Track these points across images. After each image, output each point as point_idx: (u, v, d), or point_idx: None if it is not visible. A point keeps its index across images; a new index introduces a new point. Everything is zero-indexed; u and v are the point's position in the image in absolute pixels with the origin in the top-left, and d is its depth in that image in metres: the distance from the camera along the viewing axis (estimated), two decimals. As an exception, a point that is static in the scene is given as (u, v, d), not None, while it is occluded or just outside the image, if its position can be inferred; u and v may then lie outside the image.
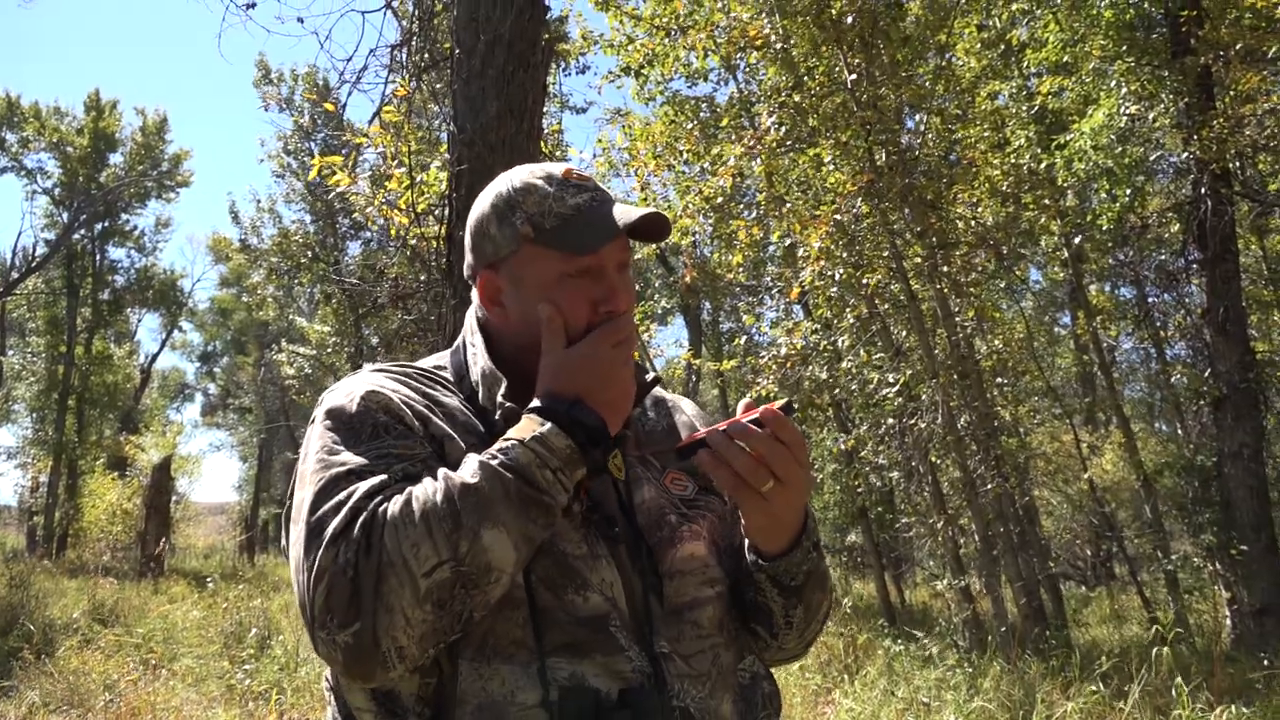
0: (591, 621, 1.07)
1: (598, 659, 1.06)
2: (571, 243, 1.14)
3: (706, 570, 1.20)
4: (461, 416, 1.16)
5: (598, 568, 1.11)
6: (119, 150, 31.08)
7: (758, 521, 1.16)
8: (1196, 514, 10.97)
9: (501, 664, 1.04)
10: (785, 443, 1.08)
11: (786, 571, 1.20)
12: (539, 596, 1.06)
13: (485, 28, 3.93)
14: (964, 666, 6.82)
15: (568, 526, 1.11)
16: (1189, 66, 8.91)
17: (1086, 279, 14.00)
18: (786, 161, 9.45)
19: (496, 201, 1.19)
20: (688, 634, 1.14)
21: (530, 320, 1.14)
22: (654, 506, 1.20)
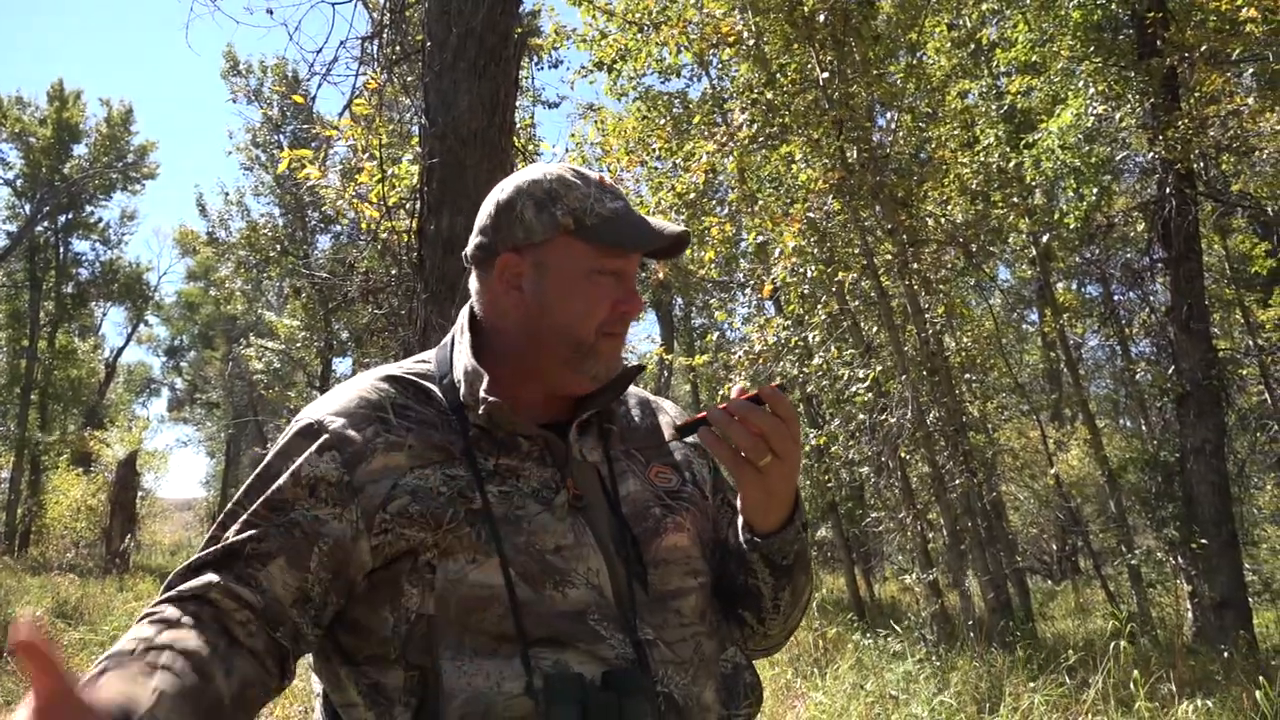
0: (571, 615, 1.10)
1: (581, 648, 1.08)
2: (612, 240, 1.19)
3: (689, 561, 1.23)
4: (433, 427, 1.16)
5: (584, 556, 1.13)
6: (83, 141, 30.59)
7: (755, 497, 1.21)
8: (1159, 509, 11.14)
9: (484, 660, 1.06)
10: (783, 419, 1.14)
11: (779, 549, 1.24)
12: (519, 591, 1.08)
13: (457, 21, 3.91)
14: (932, 660, 6.89)
15: (551, 520, 1.13)
16: (1155, 68, 9.03)
17: (1054, 277, 14.17)
18: (759, 158, 9.48)
19: (534, 189, 1.20)
20: (671, 622, 1.17)
21: (546, 307, 1.19)
22: (639, 498, 1.23)
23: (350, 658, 1.13)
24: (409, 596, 1.09)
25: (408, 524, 1.09)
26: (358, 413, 1.15)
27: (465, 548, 1.09)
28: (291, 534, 1.08)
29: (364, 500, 1.10)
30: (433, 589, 1.08)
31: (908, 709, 5.52)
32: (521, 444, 1.17)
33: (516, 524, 1.12)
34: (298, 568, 1.08)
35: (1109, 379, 19.49)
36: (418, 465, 1.12)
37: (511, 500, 1.13)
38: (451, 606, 1.08)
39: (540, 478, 1.16)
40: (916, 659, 6.89)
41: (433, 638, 1.07)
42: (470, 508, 1.10)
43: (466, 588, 1.08)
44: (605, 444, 1.26)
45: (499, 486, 1.13)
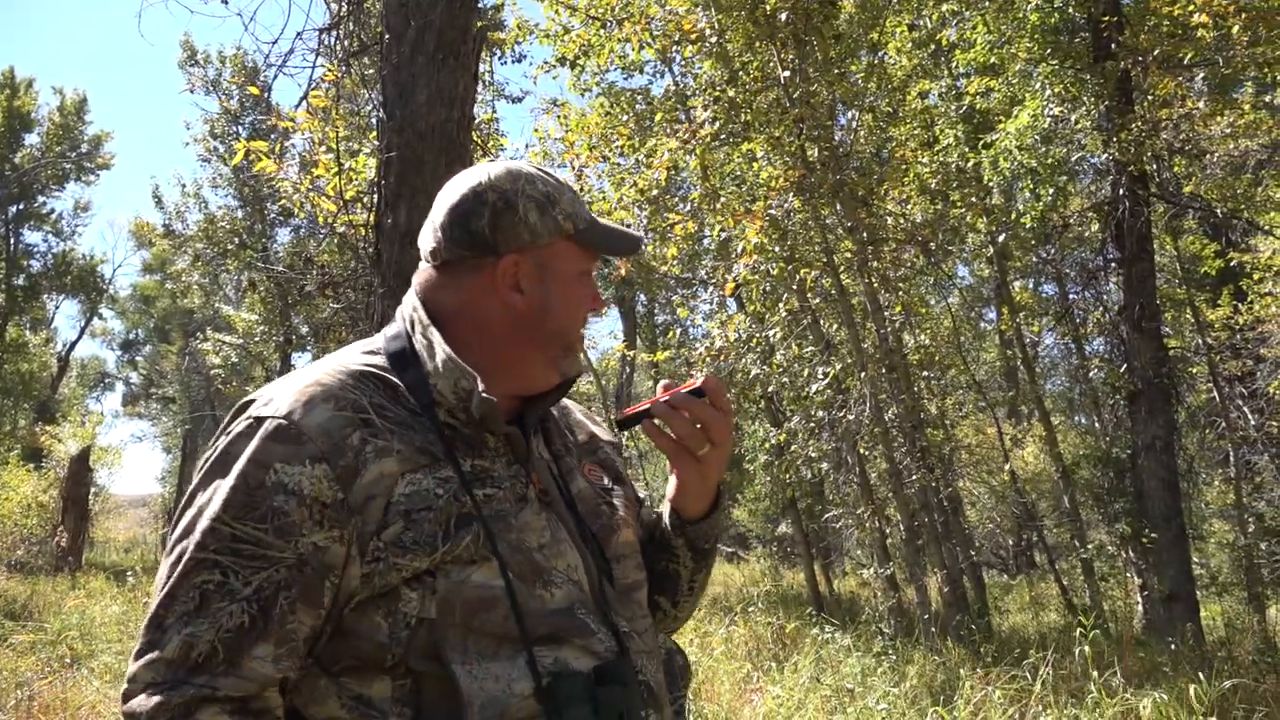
0: (561, 612, 1.11)
1: (576, 643, 1.10)
2: (602, 245, 1.25)
3: (637, 555, 1.28)
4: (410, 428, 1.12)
5: (563, 553, 1.15)
6: (35, 130, 30.00)
7: (690, 485, 1.28)
8: (1111, 504, 11.36)
9: (490, 662, 1.06)
10: (722, 410, 1.20)
11: (705, 534, 1.32)
12: (518, 592, 1.08)
13: (415, 13, 3.88)
14: (889, 654, 6.97)
15: (532, 514, 1.14)
16: (1109, 71, 9.19)
17: (1011, 276, 14.36)
18: (721, 156, 9.51)
19: (532, 191, 1.21)
20: (637, 613, 1.22)
21: (547, 308, 1.20)
22: (588, 495, 1.26)
23: (327, 668, 1.08)
24: (407, 601, 1.06)
25: (401, 554, 1.05)
26: (338, 415, 1.08)
27: (468, 554, 1.07)
28: (303, 570, 1.04)
29: (359, 523, 1.05)
30: (434, 593, 1.06)
31: (864, 702, 5.58)
32: (488, 442, 1.17)
33: (505, 523, 1.11)
34: (313, 605, 1.05)
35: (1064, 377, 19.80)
36: (408, 470, 1.08)
37: (494, 501, 1.12)
38: (456, 610, 1.06)
39: (510, 475, 1.16)
40: (874, 652, 6.97)
41: (438, 643, 1.05)
42: (463, 510, 1.08)
43: (470, 589, 1.06)
44: (548, 442, 1.28)
45: (482, 489, 1.12)
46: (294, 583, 1.03)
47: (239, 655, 1.01)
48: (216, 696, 1.00)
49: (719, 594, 13.81)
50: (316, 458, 1.05)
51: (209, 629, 1.01)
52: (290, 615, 1.03)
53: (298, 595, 1.03)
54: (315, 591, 1.04)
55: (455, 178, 1.26)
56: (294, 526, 1.03)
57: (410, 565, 1.05)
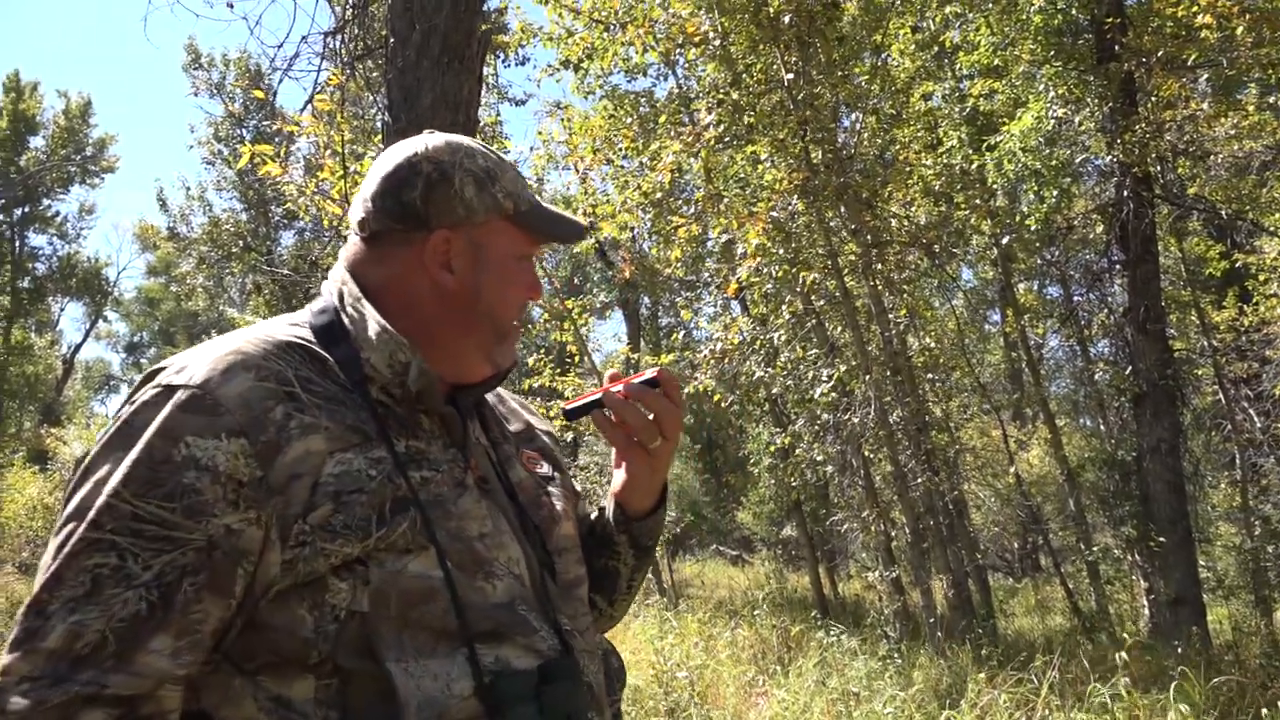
0: (502, 607, 1.04)
1: (518, 640, 1.04)
2: (543, 230, 1.17)
3: (578, 549, 1.23)
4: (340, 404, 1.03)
5: (505, 544, 1.08)
6: (40, 133, 30.05)
7: (639, 479, 1.24)
8: (1117, 507, 11.31)
9: (427, 659, 0.97)
10: (675, 403, 1.15)
11: (648, 531, 1.28)
12: (458, 583, 1.01)
13: (420, 17, 3.89)
14: (894, 657, 6.95)
15: (471, 502, 1.07)
16: (1113, 72, 9.17)
17: (1015, 278, 14.34)
18: (725, 158, 9.51)
19: (471, 166, 1.13)
20: (579, 610, 1.17)
21: (479, 290, 1.13)
22: (528, 485, 1.20)
23: (242, 665, 0.98)
24: (336, 592, 0.96)
25: (330, 538, 0.95)
26: (259, 386, 0.98)
27: (404, 541, 0.99)
28: (212, 555, 0.93)
29: (280, 504, 0.95)
30: (367, 583, 0.96)
31: (870, 705, 5.57)
32: (423, 423, 1.09)
33: (443, 509, 1.03)
34: (221, 595, 0.94)
35: (1069, 379, 19.76)
36: (337, 449, 0.99)
37: (431, 485, 1.04)
38: (391, 602, 0.97)
39: (446, 459, 1.08)
40: (879, 656, 6.95)
41: (370, 638, 0.96)
42: (398, 494, 1.00)
43: (407, 580, 0.98)
44: (485, 428, 1.21)
45: (418, 471, 1.03)
46: (201, 568, 0.92)
47: (132, 648, 0.89)
48: (103, 695, 0.88)
49: (724, 597, 13.80)
50: (234, 431, 0.94)
51: (99, 617, 0.89)
52: (195, 604, 0.92)
53: (205, 583, 0.92)
54: (225, 579, 0.93)
55: (391, 147, 1.18)
56: (205, 506, 0.92)
57: (340, 551, 0.95)
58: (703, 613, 9.98)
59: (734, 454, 22.88)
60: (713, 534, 23.02)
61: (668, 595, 12.81)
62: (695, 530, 22.68)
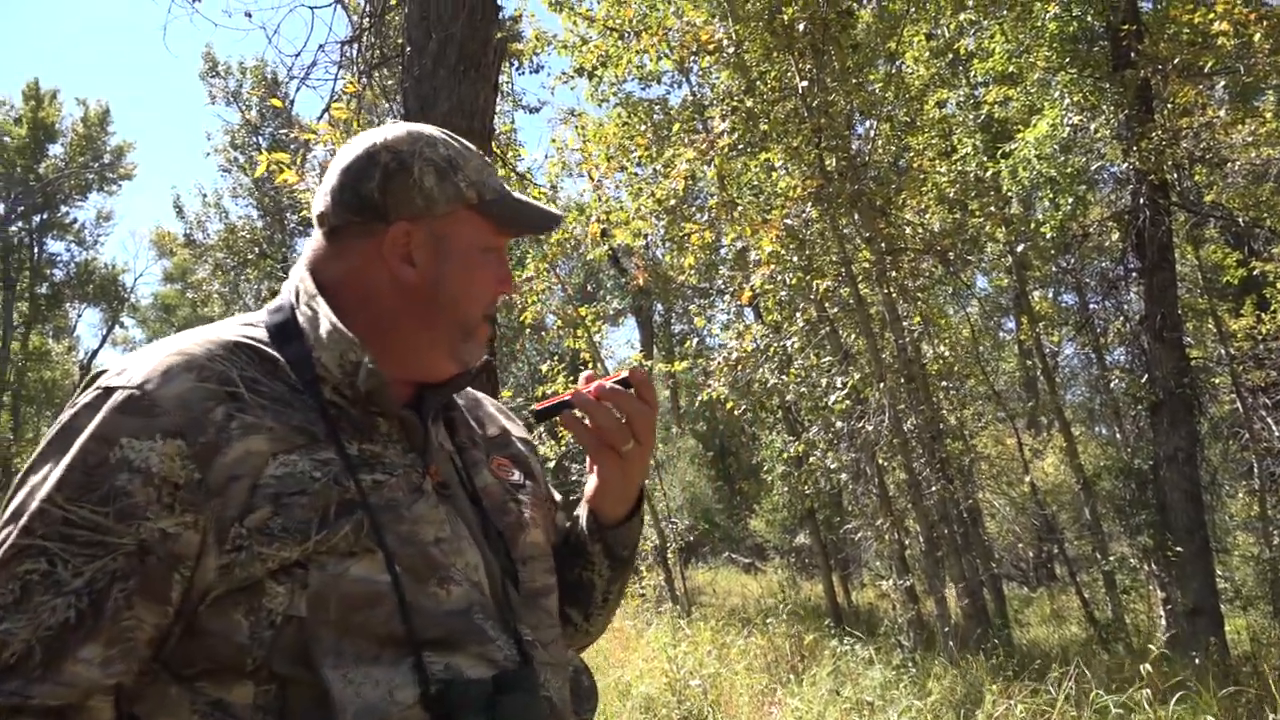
0: (457, 614, 1.00)
1: (472, 649, 0.99)
2: (510, 219, 1.13)
3: (547, 558, 1.18)
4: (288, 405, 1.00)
5: (462, 550, 1.04)
6: (59, 141, 30.32)
7: (610, 485, 1.18)
8: (1133, 516, 11.23)
9: (369, 666, 0.93)
10: (648, 404, 1.10)
11: (623, 540, 1.22)
12: (406, 588, 0.96)
13: (437, 26, 3.91)
14: (908, 667, 6.92)
15: (428, 506, 1.03)
16: (1129, 79, 9.14)
17: (1030, 285, 14.29)
18: (738, 165, 9.52)
19: (431, 155, 1.09)
20: (544, 622, 1.12)
21: (441, 284, 1.08)
22: (494, 491, 1.15)
23: (178, 672, 0.94)
24: (273, 596, 0.92)
25: (267, 542, 0.92)
26: (200, 387, 0.95)
27: (346, 544, 0.95)
28: (145, 560, 0.90)
29: (218, 507, 0.92)
30: (305, 586, 0.93)
31: (884, 716, 5.54)
32: (380, 425, 1.05)
33: (395, 513, 0.99)
34: (157, 601, 0.91)
35: (1084, 387, 19.66)
36: (281, 450, 0.95)
37: (384, 489, 1.00)
38: (330, 607, 0.93)
39: (404, 464, 1.04)
40: (894, 665, 6.92)
41: (308, 643, 0.92)
42: (345, 497, 0.96)
43: (348, 584, 0.94)
44: (451, 432, 1.17)
45: (370, 474, 0.99)
46: (132, 573, 0.89)
47: (60, 657, 0.87)
48: (28, 706, 0.86)
49: (737, 605, 13.76)
50: (170, 432, 0.91)
51: (26, 626, 0.86)
52: (126, 611, 0.89)
53: (136, 588, 0.89)
54: (161, 585, 0.90)
55: (352, 139, 1.15)
56: (138, 509, 0.89)
57: (277, 555, 0.92)
58: (715, 621, 9.96)
59: (747, 461, 22.85)
60: (725, 541, 22.98)
61: (680, 603, 12.79)
62: (708, 538, 22.64)
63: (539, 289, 10.29)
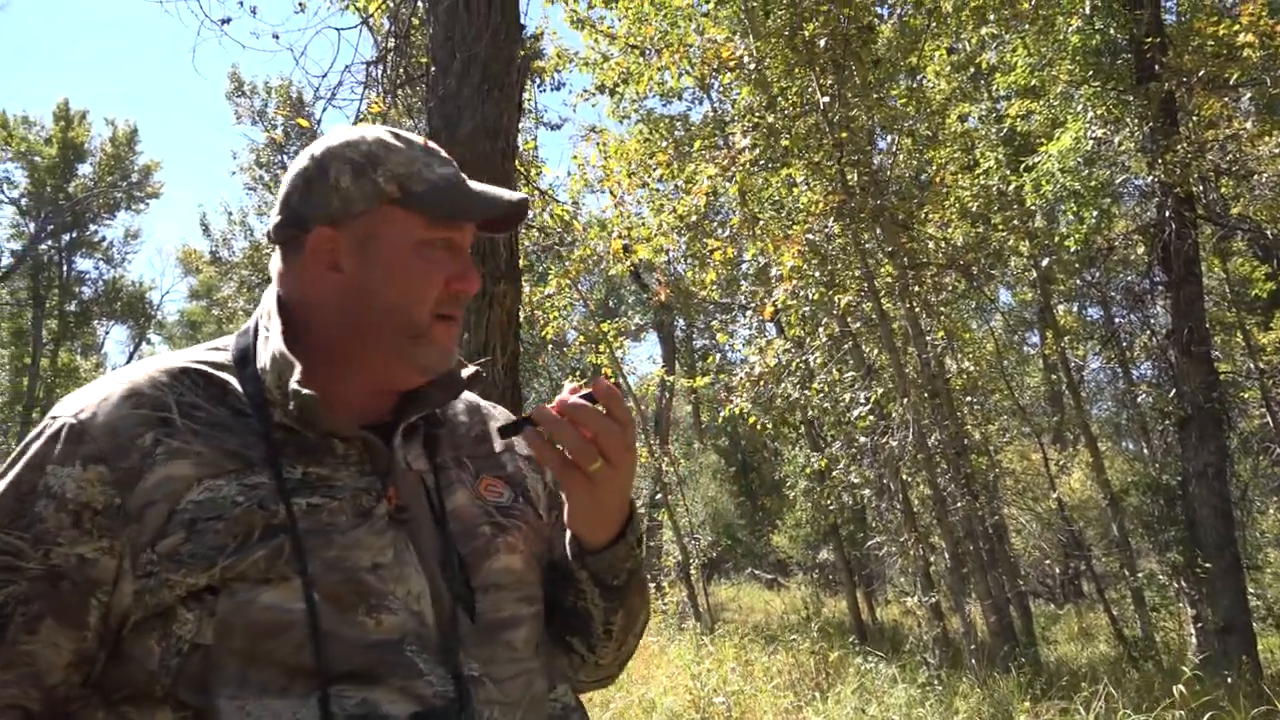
0: (384, 645, 0.95)
1: (393, 684, 0.94)
2: (445, 209, 1.05)
3: (522, 586, 1.10)
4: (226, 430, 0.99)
5: (405, 577, 0.99)
6: (88, 161, 30.78)
7: (583, 508, 1.06)
8: (1162, 532, 11.11)
9: (272, 699, 0.90)
10: (617, 420, 0.99)
11: (610, 568, 1.10)
12: (323, 618, 0.93)
13: (461, 46, 3.94)
14: (934, 684, 6.85)
15: (368, 535, 0.98)
16: (1153, 92, 9.09)
17: (1054, 299, 14.19)
18: (760, 181, 9.53)
19: (349, 153, 1.05)
20: (501, 656, 1.03)
21: (371, 287, 1.04)
22: (467, 514, 1.08)
23: (107, 696, 0.94)
24: (183, 623, 0.91)
25: (175, 568, 0.91)
26: (132, 414, 0.96)
27: (257, 570, 0.92)
28: (58, 586, 0.90)
29: (134, 533, 0.92)
30: (213, 614, 0.91)
31: (909, 734, 5.49)
32: (336, 447, 1.02)
33: (326, 538, 0.96)
34: (72, 626, 0.91)
35: (1110, 402, 19.48)
36: (208, 476, 0.94)
37: (321, 513, 0.96)
38: (236, 634, 0.91)
39: (357, 486, 1.00)
40: (919, 683, 6.86)
41: (210, 672, 0.90)
42: (271, 522, 0.94)
43: (257, 612, 0.91)
44: (432, 451, 1.11)
45: (307, 498, 0.97)
46: (38, 597, 0.89)
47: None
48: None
49: (760, 621, 13.69)
50: (92, 458, 0.92)
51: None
52: (27, 636, 0.89)
53: (45, 611, 0.89)
54: (76, 610, 0.90)
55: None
56: (49, 534, 0.90)
57: (184, 582, 0.90)
58: (739, 637, 9.91)
59: (769, 476, 22.77)
60: (747, 557, 22.88)
61: (703, 619, 12.73)
62: (730, 553, 22.55)
63: (561, 304, 10.32)
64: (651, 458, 14.00)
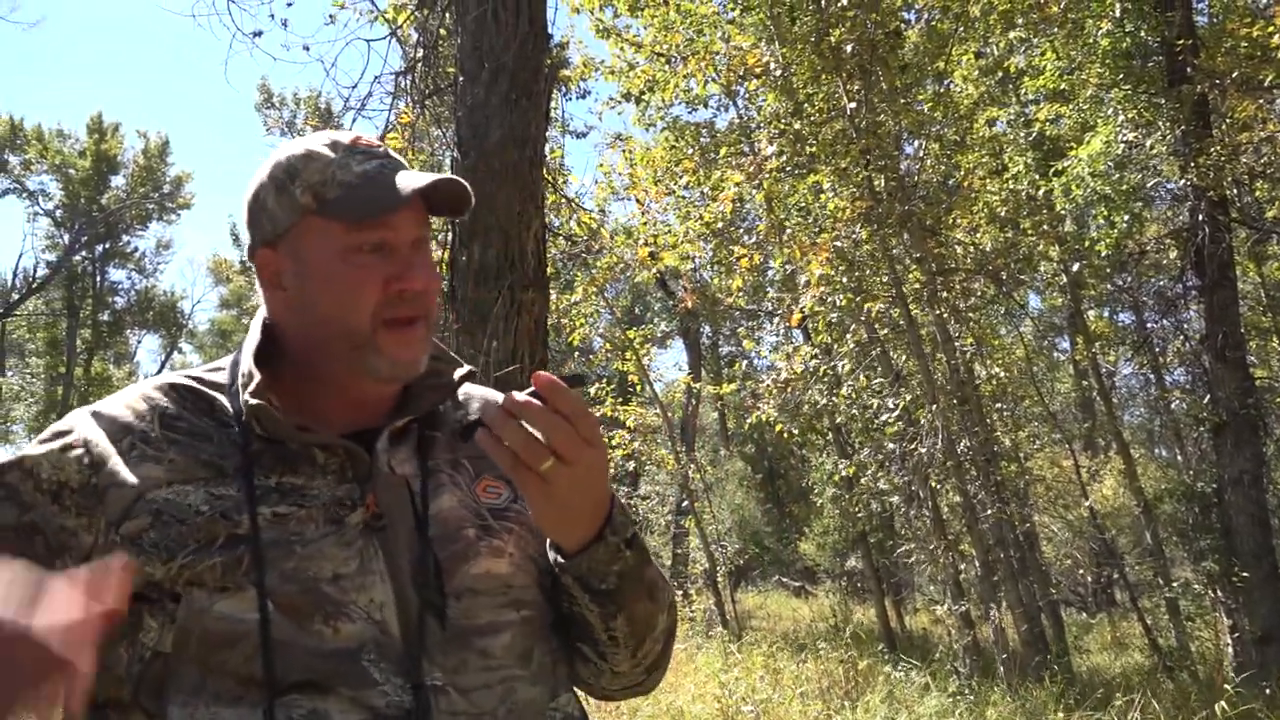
0: (340, 654, 0.94)
1: (344, 694, 0.93)
2: (356, 211, 1.02)
3: (508, 591, 1.06)
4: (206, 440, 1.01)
5: (367, 586, 0.98)
6: (120, 172, 31.28)
7: (543, 509, 0.99)
8: (1197, 540, 10.95)
9: (223, 708, 0.91)
10: (565, 415, 0.93)
11: (592, 571, 1.03)
12: (276, 628, 0.93)
13: (489, 56, 3.97)
14: (965, 694, 6.78)
15: (332, 544, 0.98)
16: (1185, 94, 8.98)
17: (1085, 304, 14.04)
18: (786, 187, 9.51)
19: (275, 171, 1.05)
20: (473, 664, 1.00)
21: (309, 301, 1.04)
22: (452, 517, 1.06)
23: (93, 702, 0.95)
24: (147, 630, 0.93)
25: (135, 553, 0.93)
26: (118, 420, 1.01)
27: (214, 577, 0.93)
28: (32, 540, 0.93)
29: (104, 509, 0.95)
30: (173, 622, 0.93)
31: (941, 744, 5.44)
32: (317, 456, 1.02)
33: (287, 549, 0.96)
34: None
35: (1143, 408, 19.24)
36: (177, 481, 0.97)
37: (288, 523, 0.97)
38: (192, 643, 0.92)
39: (334, 495, 1.01)
40: (950, 692, 6.79)
41: (167, 679, 0.92)
42: (234, 532, 0.95)
43: (211, 621, 0.93)
44: (424, 454, 1.09)
45: (274, 507, 0.98)
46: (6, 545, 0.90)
47: None
48: None
49: (788, 629, 13.62)
50: (71, 446, 0.98)
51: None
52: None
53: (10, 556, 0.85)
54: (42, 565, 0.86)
55: None
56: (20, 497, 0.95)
57: (142, 570, 0.92)
58: (767, 645, 9.86)
59: (797, 484, 22.67)
60: (774, 565, 22.79)
61: (730, 627, 12.69)
62: (757, 561, 22.47)
63: (587, 311, 10.34)
64: (678, 465, 13.98)
